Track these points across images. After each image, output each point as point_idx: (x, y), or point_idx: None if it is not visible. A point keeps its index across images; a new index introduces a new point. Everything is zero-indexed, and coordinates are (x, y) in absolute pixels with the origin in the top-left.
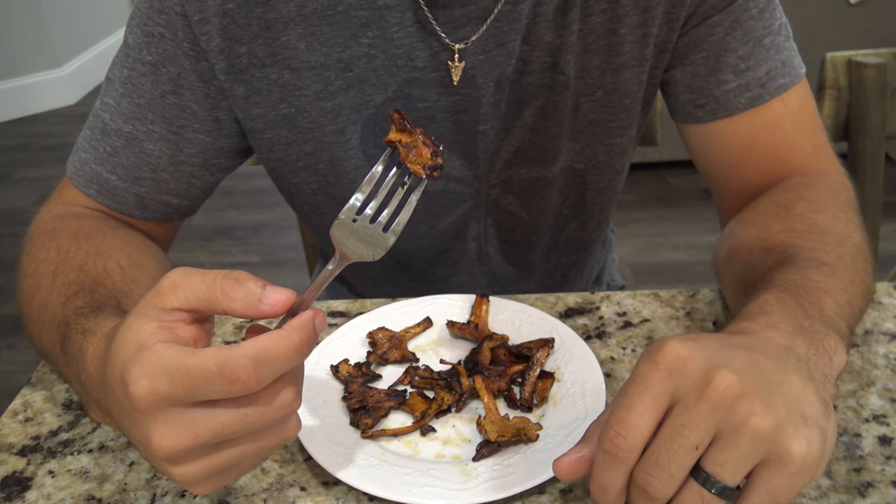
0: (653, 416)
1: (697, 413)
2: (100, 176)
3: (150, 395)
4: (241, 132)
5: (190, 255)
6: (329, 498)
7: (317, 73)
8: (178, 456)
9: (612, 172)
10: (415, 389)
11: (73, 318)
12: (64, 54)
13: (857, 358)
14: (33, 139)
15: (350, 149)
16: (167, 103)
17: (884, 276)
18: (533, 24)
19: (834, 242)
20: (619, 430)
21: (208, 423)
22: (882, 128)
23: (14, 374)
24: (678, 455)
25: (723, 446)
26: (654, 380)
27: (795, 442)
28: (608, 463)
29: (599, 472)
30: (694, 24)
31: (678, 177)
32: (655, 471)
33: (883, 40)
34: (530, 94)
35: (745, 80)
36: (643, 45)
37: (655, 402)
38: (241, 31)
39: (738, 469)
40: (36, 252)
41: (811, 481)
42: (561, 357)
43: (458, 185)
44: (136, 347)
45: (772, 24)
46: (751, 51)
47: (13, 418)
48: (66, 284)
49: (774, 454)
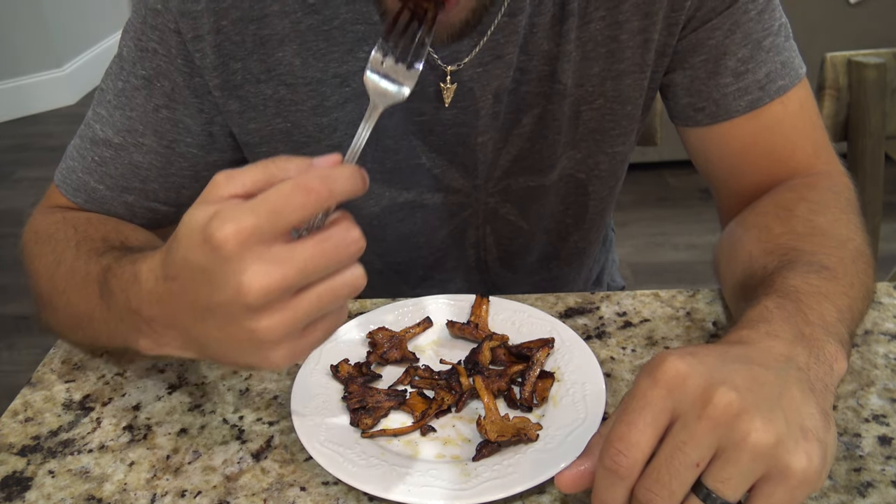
0: (654, 432)
1: (698, 430)
2: (87, 185)
3: (237, 234)
4: (234, 146)
5: None
6: (329, 498)
7: (313, 89)
8: (268, 300)
9: (614, 180)
10: (415, 389)
11: (113, 262)
12: (64, 54)
13: (857, 358)
14: (33, 139)
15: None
16: (160, 117)
17: (884, 276)
18: (530, 35)
19: (835, 245)
20: (620, 448)
21: (294, 258)
22: (882, 128)
23: (14, 374)
24: (679, 472)
25: (723, 463)
26: (654, 397)
27: (796, 457)
28: (609, 479)
29: (600, 489)
30: (693, 28)
31: (678, 177)
32: (657, 488)
33: (883, 40)
34: (528, 103)
35: (745, 83)
36: (644, 50)
37: (656, 419)
38: (236, 48)
39: (739, 485)
40: (52, 234)
41: (812, 493)
42: (561, 357)
43: (457, 197)
44: (209, 210)
45: (771, 26)
46: (750, 53)
47: (13, 418)
48: (95, 249)
49: (775, 469)
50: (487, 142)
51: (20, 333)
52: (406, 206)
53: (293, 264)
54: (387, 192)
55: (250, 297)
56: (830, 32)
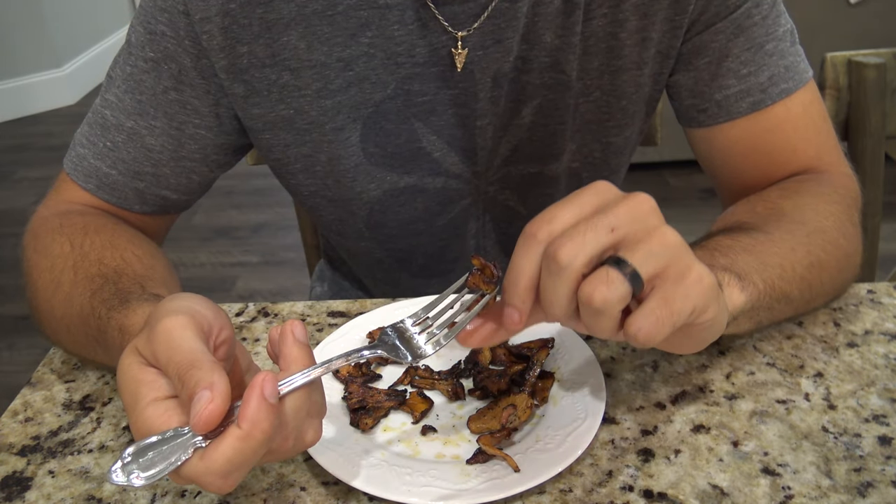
0: (579, 213)
1: (619, 208)
2: (99, 171)
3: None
4: (240, 129)
5: (190, 255)
6: (329, 498)
7: (317, 72)
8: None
9: (608, 170)
10: (415, 389)
11: (103, 311)
12: (64, 54)
13: (857, 358)
14: (33, 139)
15: (350, 146)
16: (168, 99)
17: (884, 276)
18: (532, 24)
19: (787, 222)
20: (543, 218)
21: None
22: (882, 128)
23: (14, 374)
24: (595, 228)
25: (635, 240)
26: (583, 194)
27: (697, 263)
28: (527, 244)
29: (519, 254)
30: (697, 31)
31: (678, 177)
32: (571, 234)
33: (883, 40)
34: (529, 93)
35: (747, 86)
36: (642, 48)
37: (582, 206)
38: (243, 31)
39: (645, 260)
40: (48, 248)
41: (709, 321)
42: (561, 357)
43: (457, 182)
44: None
45: (775, 31)
46: (752, 56)
47: (13, 418)
48: (90, 278)
49: (675, 268)
50: (487, 127)
51: (20, 333)
52: (406, 191)
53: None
54: (388, 175)
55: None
56: (830, 32)
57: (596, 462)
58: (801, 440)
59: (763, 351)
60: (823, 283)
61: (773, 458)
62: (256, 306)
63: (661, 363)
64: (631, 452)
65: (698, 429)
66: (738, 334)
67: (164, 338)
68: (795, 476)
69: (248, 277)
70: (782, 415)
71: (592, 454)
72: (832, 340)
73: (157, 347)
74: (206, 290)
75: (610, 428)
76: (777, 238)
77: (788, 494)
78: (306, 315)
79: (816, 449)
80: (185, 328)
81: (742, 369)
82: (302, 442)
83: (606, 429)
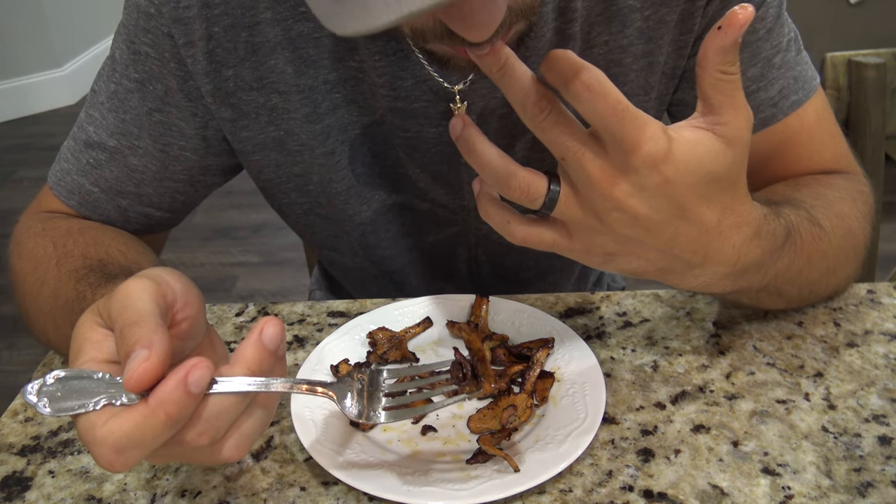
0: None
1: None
2: (82, 187)
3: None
4: (229, 150)
5: (190, 255)
6: (329, 498)
7: (305, 97)
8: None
9: None
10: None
11: (88, 292)
12: (64, 54)
13: (857, 358)
14: (33, 139)
15: (340, 170)
16: (153, 120)
17: (884, 276)
18: (523, 59)
19: (835, 214)
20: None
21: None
22: (882, 128)
23: (14, 374)
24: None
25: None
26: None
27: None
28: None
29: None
30: None
31: None
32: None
33: (883, 40)
34: (522, 128)
35: (756, 102)
36: (649, 73)
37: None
38: (228, 55)
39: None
40: (32, 252)
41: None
42: (561, 357)
43: (444, 211)
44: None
45: (780, 42)
46: (760, 72)
47: (13, 418)
48: (74, 270)
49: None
50: None
51: (20, 333)
52: (395, 208)
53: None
54: (377, 194)
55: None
56: (830, 32)
57: (596, 462)
58: (801, 440)
59: (763, 351)
60: (825, 283)
61: (773, 458)
62: (256, 306)
63: (661, 363)
64: (631, 452)
65: (698, 429)
66: (738, 332)
67: (120, 297)
68: (795, 476)
69: (248, 277)
70: (782, 415)
71: (592, 454)
72: (832, 340)
73: (113, 306)
74: (206, 289)
75: (610, 428)
76: (824, 240)
77: (788, 494)
78: (306, 315)
79: (816, 449)
80: (144, 291)
81: (742, 369)
82: (219, 450)
83: (606, 429)
